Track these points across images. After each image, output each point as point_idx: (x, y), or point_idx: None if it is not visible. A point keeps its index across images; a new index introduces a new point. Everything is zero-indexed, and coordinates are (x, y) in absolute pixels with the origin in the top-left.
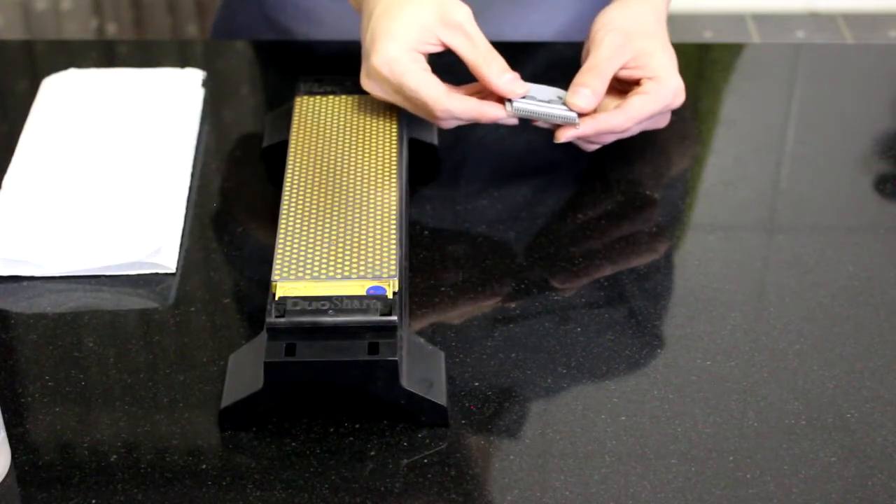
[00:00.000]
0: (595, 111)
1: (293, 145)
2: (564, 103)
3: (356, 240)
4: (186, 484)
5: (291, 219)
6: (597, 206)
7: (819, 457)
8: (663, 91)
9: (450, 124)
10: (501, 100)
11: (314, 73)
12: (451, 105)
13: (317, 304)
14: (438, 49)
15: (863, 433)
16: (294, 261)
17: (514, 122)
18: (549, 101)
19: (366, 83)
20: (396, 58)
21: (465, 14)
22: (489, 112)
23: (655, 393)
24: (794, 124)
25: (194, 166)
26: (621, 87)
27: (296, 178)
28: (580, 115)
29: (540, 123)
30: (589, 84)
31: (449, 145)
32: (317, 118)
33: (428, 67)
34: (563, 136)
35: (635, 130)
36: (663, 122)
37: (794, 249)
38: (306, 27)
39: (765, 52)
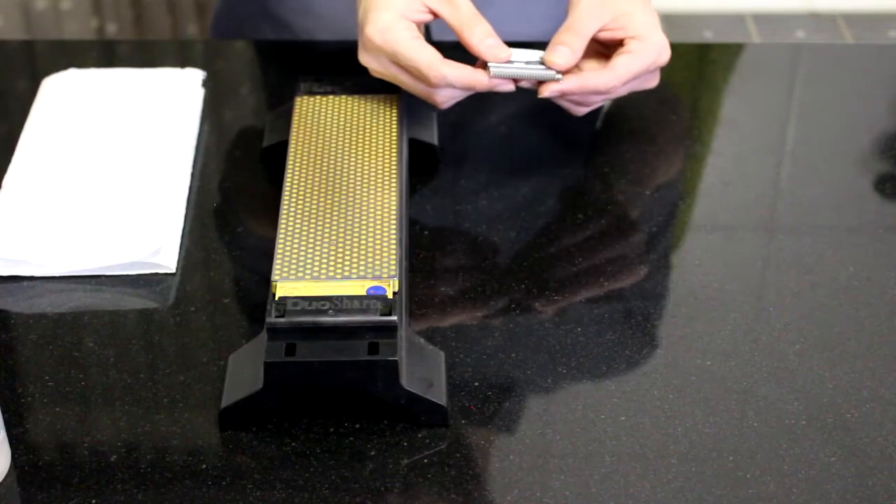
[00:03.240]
0: (580, 71)
1: (293, 145)
2: (543, 63)
3: (356, 240)
4: (186, 484)
5: (291, 219)
6: (597, 205)
7: (819, 457)
8: (647, 48)
9: (445, 97)
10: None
11: (314, 72)
12: (447, 71)
13: (317, 304)
14: (428, 17)
15: (863, 433)
16: (294, 261)
17: (511, 88)
18: (527, 63)
19: (362, 57)
20: (388, 26)
21: None
22: (484, 78)
23: (655, 393)
24: (794, 124)
25: (194, 166)
26: (606, 51)
27: (296, 178)
28: (563, 74)
29: (524, 83)
30: (567, 42)
31: (449, 145)
32: (317, 118)
33: (420, 36)
34: (547, 90)
35: (623, 91)
36: (652, 81)
37: (794, 249)
38: (306, 21)
39: (765, 52)
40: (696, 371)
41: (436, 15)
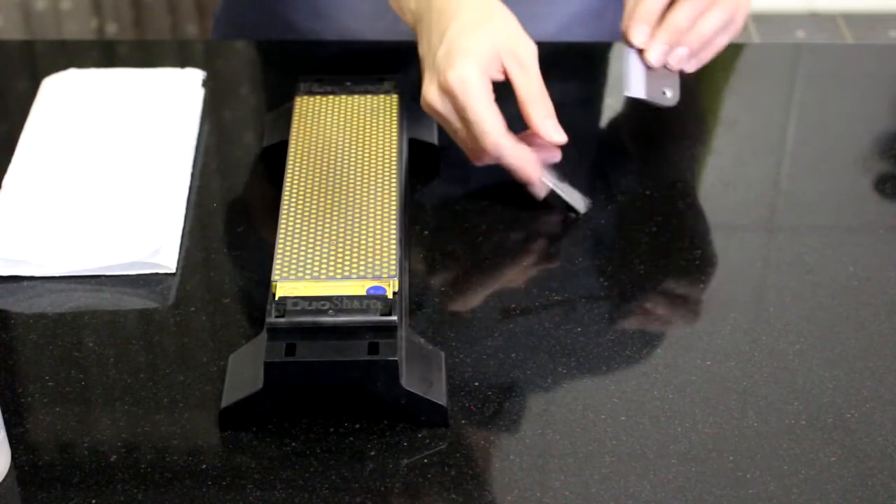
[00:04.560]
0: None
1: (293, 145)
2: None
3: (356, 240)
4: (186, 484)
5: (291, 219)
6: (597, 205)
7: (819, 457)
8: None
9: (487, 160)
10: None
11: (314, 72)
12: (504, 144)
13: (317, 304)
14: (501, 77)
15: (863, 433)
16: (294, 261)
17: (541, 196)
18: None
19: (430, 92)
20: (470, 77)
21: (531, 49)
22: (532, 171)
23: (655, 393)
24: (794, 124)
25: (194, 166)
26: None
27: (296, 178)
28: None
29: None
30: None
31: (449, 145)
32: (317, 118)
33: (493, 98)
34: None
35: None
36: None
37: (794, 249)
38: (310, 22)
39: (765, 52)
40: (696, 371)
41: (507, 77)
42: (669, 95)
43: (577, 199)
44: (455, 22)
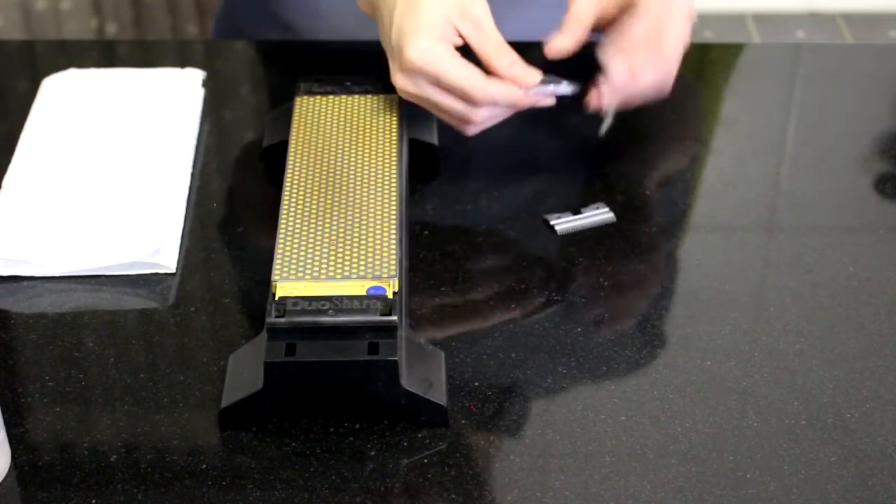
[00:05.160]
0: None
1: (293, 145)
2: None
3: (356, 240)
4: (186, 484)
5: (291, 219)
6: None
7: (819, 457)
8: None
9: (483, 117)
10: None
11: (315, 72)
12: (491, 88)
13: (317, 304)
14: (458, 41)
15: (863, 433)
16: (294, 261)
17: (551, 102)
18: (585, 216)
19: (398, 79)
20: (429, 48)
21: (481, 7)
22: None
23: (655, 393)
24: (794, 124)
25: (194, 166)
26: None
27: (296, 178)
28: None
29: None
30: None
31: (449, 145)
32: (317, 118)
33: (458, 55)
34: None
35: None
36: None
37: (794, 249)
38: (310, 22)
39: (765, 52)
40: (696, 371)
41: (464, 39)
42: (567, 86)
43: (598, 218)
44: (400, 3)
